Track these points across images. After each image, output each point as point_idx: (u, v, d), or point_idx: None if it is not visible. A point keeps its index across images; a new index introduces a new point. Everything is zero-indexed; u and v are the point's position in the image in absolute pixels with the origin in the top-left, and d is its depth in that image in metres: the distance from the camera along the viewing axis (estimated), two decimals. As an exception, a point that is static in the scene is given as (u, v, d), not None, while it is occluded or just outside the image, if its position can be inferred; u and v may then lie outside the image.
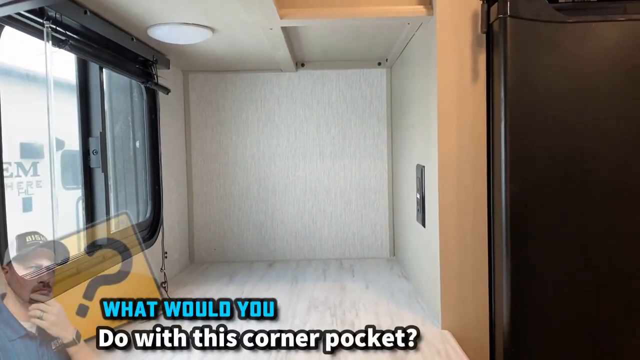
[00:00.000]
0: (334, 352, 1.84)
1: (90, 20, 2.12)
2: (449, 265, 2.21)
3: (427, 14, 2.26)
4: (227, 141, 3.71)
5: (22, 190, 3.38)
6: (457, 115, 2.17)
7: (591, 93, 2.01)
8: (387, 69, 3.65)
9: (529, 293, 2.04)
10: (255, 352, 1.85)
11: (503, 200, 2.04)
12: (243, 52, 3.06)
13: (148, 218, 3.06)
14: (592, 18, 2.01)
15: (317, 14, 2.33)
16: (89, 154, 2.45)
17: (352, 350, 1.85)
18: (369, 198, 3.72)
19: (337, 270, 3.40)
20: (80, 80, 2.46)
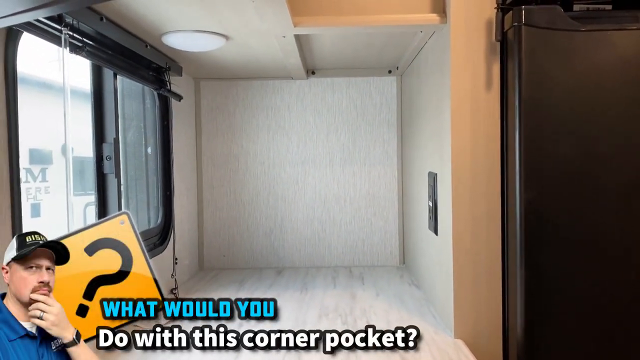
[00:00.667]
0: (334, 352, 1.83)
1: (106, 27, 2.14)
2: (462, 273, 2.20)
3: (441, 22, 2.27)
4: (238, 148, 3.72)
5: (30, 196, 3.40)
6: (471, 123, 2.17)
7: (606, 101, 2.01)
8: (397, 77, 3.65)
9: (544, 303, 2.03)
10: (255, 352, 1.85)
11: (517, 209, 2.03)
12: (255, 60, 3.08)
13: (159, 224, 3.07)
14: (606, 27, 2.01)
15: (330, 22, 2.34)
16: (102, 160, 2.47)
17: (352, 350, 1.84)
18: (379, 205, 3.72)
19: (346, 278, 3.39)
20: (95, 87, 2.47)
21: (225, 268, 3.72)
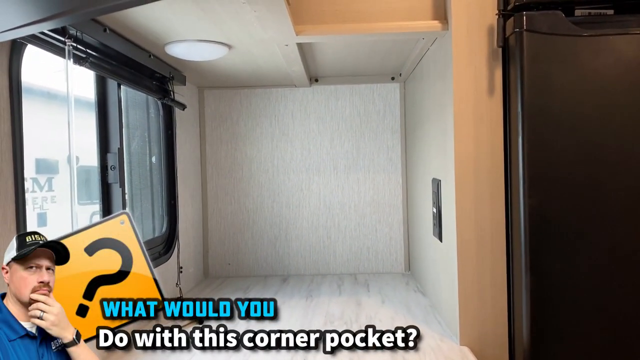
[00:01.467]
0: (334, 352, 1.83)
1: (109, 38, 2.16)
2: (467, 280, 2.19)
3: (442, 29, 2.27)
4: (242, 156, 3.73)
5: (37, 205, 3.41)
6: (474, 129, 2.17)
7: (609, 105, 2.00)
8: (400, 84, 3.66)
9: (550, 309, 2.01)
10: (255, 352, 1.84)
11: (522, 215, 2.02)
12: (258, 68, 3.09)
13: (164, 233, 3.08)
14: (608, 31, 2.00)
15: (332, 30, 2.35)
16: (106, 170, 2.48)
17: (352, 350, 1.83)
18: (384, 212, 3.71)
19: (352, 285, 3.39)
20: (99, 97, 2.49)
21: (230, 276, 3.72)
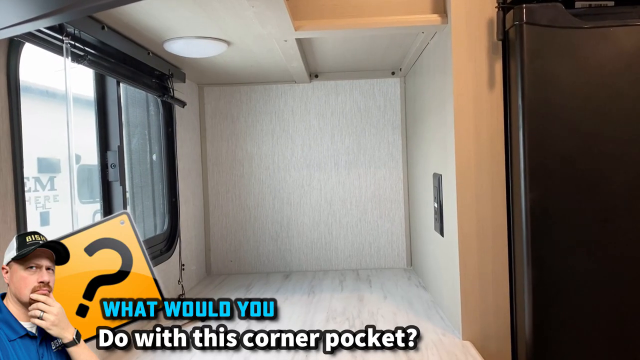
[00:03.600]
0: (334, 352, 1.82)
1: (107, 36, 2.15)
2: (468, 274, 2.19)
3: (442, 23, 2.26)
4: (242, 153, 3.73)
5: (39, 204, 3.41)
6: (474, 123, 2.16)
7: (609, 98, 1.99)
8: (400, 78, 3.64)
9: (552, 303, 2.01)
10: (255, 352, 1.84)
11: (523, 208, 2.01)
12: (257, 65, 3.08)
13: (165, 231, 3.08)
14: (609, 23, 1.99)
15: (331, 25, 2.34)
16: (107, 168, 2.47)
17: (352, 350, 1.83)
18: (385, 207, 3.70)
19: (354, 280, 3.38)
20: (98, 95, 2.48)
21: (232, 273, 3.73)
